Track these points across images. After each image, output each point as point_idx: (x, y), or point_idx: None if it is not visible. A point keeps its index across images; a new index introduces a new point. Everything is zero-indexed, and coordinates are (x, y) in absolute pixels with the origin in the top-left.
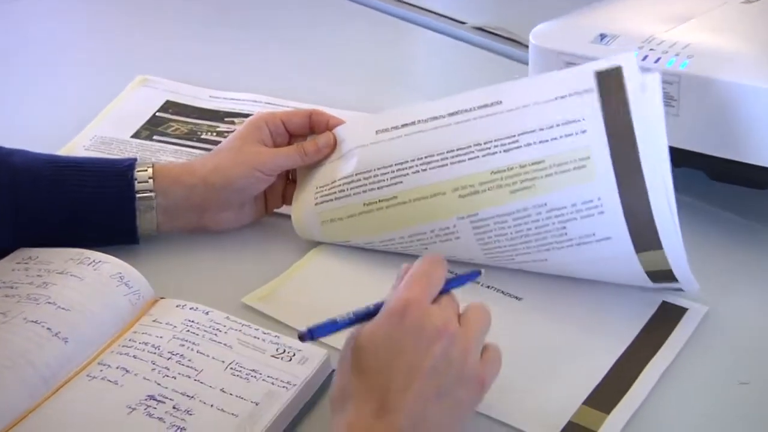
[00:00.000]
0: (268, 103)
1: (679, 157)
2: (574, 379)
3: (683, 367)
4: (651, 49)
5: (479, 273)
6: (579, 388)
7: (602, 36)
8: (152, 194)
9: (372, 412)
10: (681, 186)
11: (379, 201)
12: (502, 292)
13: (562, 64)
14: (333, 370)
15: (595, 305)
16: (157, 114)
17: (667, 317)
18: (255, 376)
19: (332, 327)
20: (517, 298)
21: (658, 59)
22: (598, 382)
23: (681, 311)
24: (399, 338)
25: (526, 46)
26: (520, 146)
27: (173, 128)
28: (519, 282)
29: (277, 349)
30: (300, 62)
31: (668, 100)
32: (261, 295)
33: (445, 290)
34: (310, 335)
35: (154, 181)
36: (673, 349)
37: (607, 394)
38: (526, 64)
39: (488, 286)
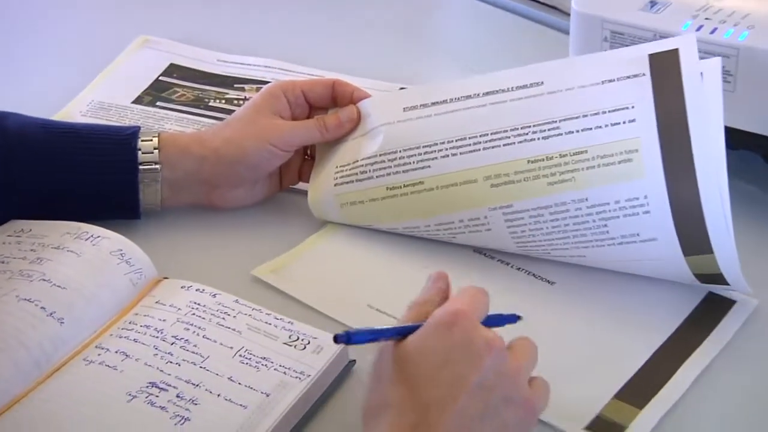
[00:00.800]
0: (282, 69)
1: (735, 139)
2: (606, 371)
3: (727, 364)
4: (707, 18)
5: (519, 317)
6: (611, 379)
7: (652, 3)
8: (157, 166)
9: (410, 426)
10: (736, 170)
11: (404, 186)
12: (534, 275)
13: (607, 34)
14: (351, 361)
15: (634, 293)
16: (160, 78)
17: (712, 309)
18: (266, 365)
19: (372, 335)
20: (549, 282)
21: (714, 30)
22: (633, 375)
23: (728, 304)
24: (446, 349)
25: (567, 14)
26: (561, 134)
27: (178, 94)
28: (552, 265)
29: (290, 336)
30: (319, 25)
31: (725, 75)
32: (272, 267)
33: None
34: (347, 339)
35: (159, 152)
36: (717, 344)
37: (641, 387)
38: (567, 33)
39: (518, 268)
